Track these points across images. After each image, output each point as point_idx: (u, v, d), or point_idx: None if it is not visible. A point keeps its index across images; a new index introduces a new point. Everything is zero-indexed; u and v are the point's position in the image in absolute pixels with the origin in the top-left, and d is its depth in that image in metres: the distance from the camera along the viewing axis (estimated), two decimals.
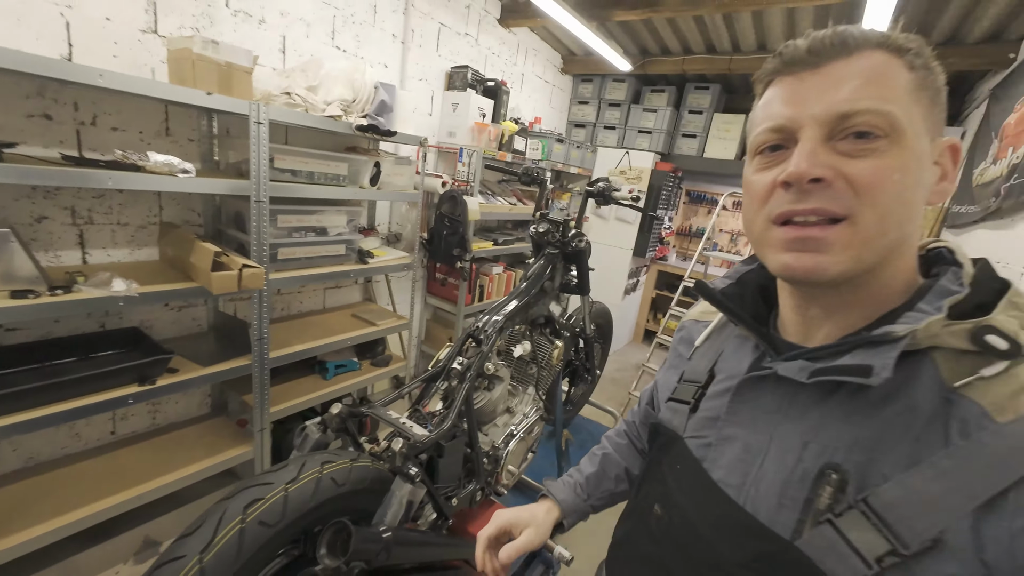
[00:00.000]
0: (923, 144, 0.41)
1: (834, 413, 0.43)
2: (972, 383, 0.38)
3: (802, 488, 0.43)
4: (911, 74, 0.41)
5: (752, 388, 0.50)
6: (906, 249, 0.44)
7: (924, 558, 0.36)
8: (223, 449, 1.86)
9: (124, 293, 1.38)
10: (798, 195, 0.41)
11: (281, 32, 1.96)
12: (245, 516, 0.70)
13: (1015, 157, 1.91)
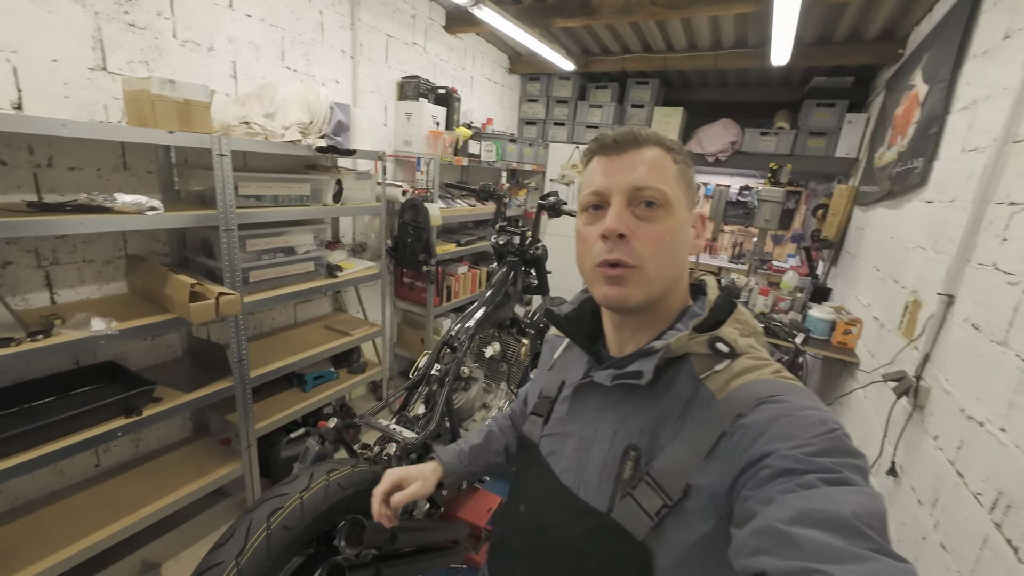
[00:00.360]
0: (684, 213, 0.59)
1: (632, 406, 0.58)
2: (710, 375, 0.54)
3: (613, 465, 0.57)
4: (676, 166, 0.59)
5: (582, 393, 0.65)
6: (680, 284, 0.61)
7: (683, 503, 0.51)
8: (212, 469, 1.92)
9: (104, 332, 1.43)
10: (611, 246, 0.56)
11: (231, 58, 1.99)
12: (270, 523, 0.83)
13: (902, 145, 2.22)
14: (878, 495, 0.41)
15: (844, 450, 0.44)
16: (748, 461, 0.46)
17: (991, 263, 1.23)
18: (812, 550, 0.35)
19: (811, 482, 0.41)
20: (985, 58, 1.57)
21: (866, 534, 0.37)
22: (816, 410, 0.47)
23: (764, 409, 0.48)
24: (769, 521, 0.39)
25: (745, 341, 0.56)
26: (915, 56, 2.37)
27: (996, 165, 1.29)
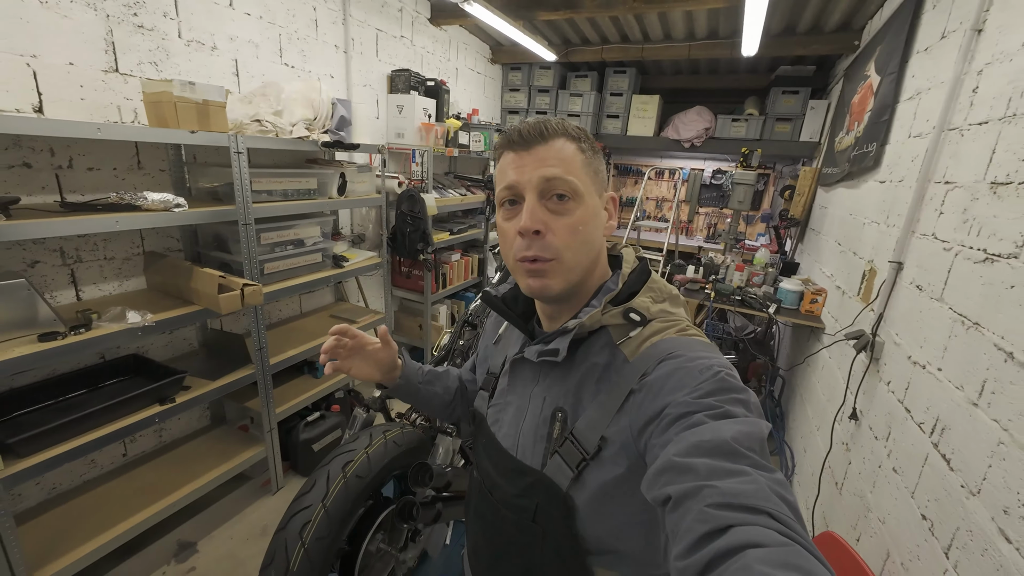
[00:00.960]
0: (594, 200, 0.62)
1: (557, 376, 0.64)
2: (624, 341, 0.59)
3: (544, 427, 0.63)
4: (582, 155, 0.61)
5: (517, 366, 0.70)
6: (597, 264, 0.65)
7: (598, 456, 0.56)
8: (236, 454, 2.02)
9: (141, 323, 1.52)
10: (528, 243, 0.59)
11: (232, 56, 2.04)
12: (345, 473, 0.97)
13: (858, 131, 2.45)
14: (755, 421, 0.47)
15: (727, 388, 0.50)
16: (651, 414, 0.52)
17: (931, 233, 1.46)
18: (704, 471, 0.41)
19: (699, 420, 0.47)
20: (927, 54, 1.79)
21: (744, 454, 0.43)
22: (705, 358, 0.53)
23: (663, 366, 0.54)
24: (668, 457, 0.45)
25: (657, 307, 0.61)
26: (869, 48, 2.60)
27: (935, 149, 1.51)
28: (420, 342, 3.37)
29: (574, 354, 0.62)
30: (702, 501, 0.39)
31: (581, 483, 0.57)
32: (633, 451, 0.54)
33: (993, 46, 1.32)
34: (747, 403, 0.49)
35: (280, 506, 2.10)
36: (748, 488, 0.39)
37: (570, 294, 0.63)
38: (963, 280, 1.23)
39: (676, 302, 0.64)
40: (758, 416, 0.49)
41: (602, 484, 0.56)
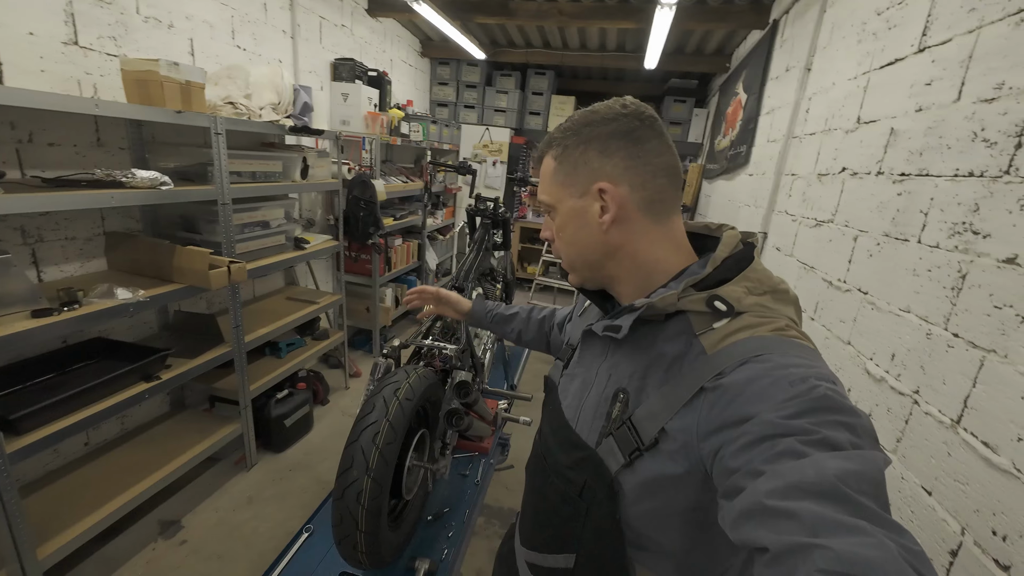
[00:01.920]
0: (568, 204, 0.62)
1: (623, 355, 0.61)
2: (706, 332, 0.53)
3: (604, 405, 0.60)
4: (554, 163, 0.63)
5: (587, 340, 0.69)
6: (615, 257, 0.61)
7: (654, 449, 0.53)
8: (210, 433, 2.04)
9: (132, 299, 1.54)
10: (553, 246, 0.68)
11: (188, 35, 2.02)
12: (397, 396, 1.21)
13: (732, 135, 3.15)
14: (867, 455, 0.39)
15: (827, 407, 0.42)
16: (723, 422, 0.46)
17: (784, 210, 2.07)
18: (809, 523, 0.34)
19: (791, 447, 0.39)
20: (777, 82, 2.45)
21: (858, 502, 0.35)
22: (801, 367, 0.45)
23: (745, 368, 0.47)
24: (757, 498, 0.38)
25: (752, 299, 0.54)
26: (738, 70, 3.32)
27: (784, 151, 2.13)
28: (368, 324, 3.48)
29: (646, 337, 0.58)
30: (812, 564, 0.32)
31: (632, 471, 0.55)
32: (695, 455, 0.49)
33: (816, 82, 1.94)
34: (853, 428, 0.41)
35: (259, 479, 2.17)
36: (873, 555, 0.31)
37: (598, 285, 0.66)
38: (804, 240, 1.82)
39: (782, 298, 0.56)
40: (871, 446, 0.41)
41: (655, 477, 0.53)
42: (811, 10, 2.08)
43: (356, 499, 1.09)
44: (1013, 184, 0.90)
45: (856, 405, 0.43)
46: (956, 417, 0.95)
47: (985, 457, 0.87)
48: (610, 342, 0.63)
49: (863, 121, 1.50)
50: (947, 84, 1.13)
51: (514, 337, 1.09)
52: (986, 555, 0.84)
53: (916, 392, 1.08)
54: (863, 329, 1.33)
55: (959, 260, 1.00)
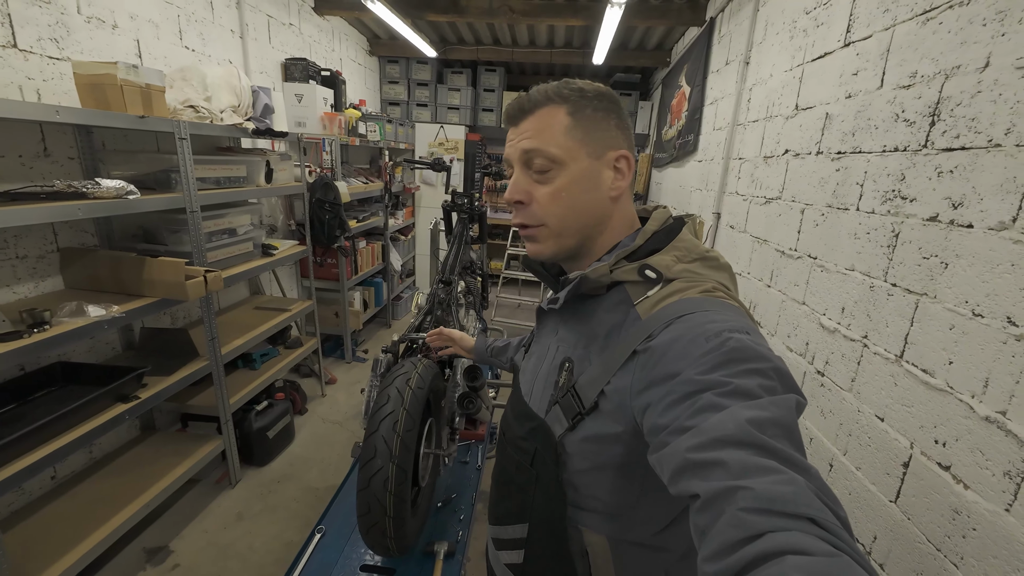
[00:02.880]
0: (582, 163, 0.59)
1: (569, 327, 0.65)
2: (642, 300, 0.56)
3: (553, 375, 0.63)
4: (568, 118, 0.59)
5: (541, 317, 0.72)
6: (606, 224, 0.63)
7: (595, 411, 0.56)
8: (189, 453, 1.96)
9: (107, 316, 1.46)
10: (515, 211, 0.63)
11: (134, 36, 1.90)
12: (409, 386, 1.24)
13: (679, 126, 3.38)
14: (778, 400, 0.42)
15: (738, 358, 0.44)
16: (650, 380, 0.49)
17: (734, 191, 2.28)
18: (735, 468, 0.37)
19: (709, 401, 0.42)
20: (718, 74, 2.67)
21: (772, 446, 0.38)
22: (717, 322, 0.48)
23: (670, 329, 0.50)
24: (685, 453, 0.40)
25: (682, 267, 0.57)
26: (679, 64, 3.56)
27: (731, 138, 2.34)
28: (338, 329, 3.41)
29: (588, 308, 0.62)
30: (735, 504, 0.35)
31: (573, 433, 0.58)
32: (629, 414, 0.53)
33: (755, 74, 2.15)
34: (765, 372, 0.44)
35: (245, 495, 2.10)
36: (786, 490, 0.35)
37: (571, 255, 0.64)
38: (755, 216, 2.02)
39: (712, 265, 0.59)
40: (785, 388, 0.44)
41: (594, 435, 0.56)
42: (745, 9, 2.29)
43: (383, 486, 1.12)
44: (930, 155, 1.09)
45: (770, 351, 0.46)
46: (899, 353, 1.14)
47: (925, 381, 1.06)
48: (559, 317, 0.67)
49: (801, 108, 1.70)
50: (871, 74, 1.32)
51: (510, 366, 1.11)
52: (931, 461, 1.02)
53: (865, 337, 1.27)
54: (815, 289, 1.52)
55: (892, 222, 1.19)
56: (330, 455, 2.40)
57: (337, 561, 1.34)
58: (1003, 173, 0.91)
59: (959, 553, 0.94)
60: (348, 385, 3.13)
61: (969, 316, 0.95)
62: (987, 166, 0.94)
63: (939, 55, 1.09)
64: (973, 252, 0.96)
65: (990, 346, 0.91)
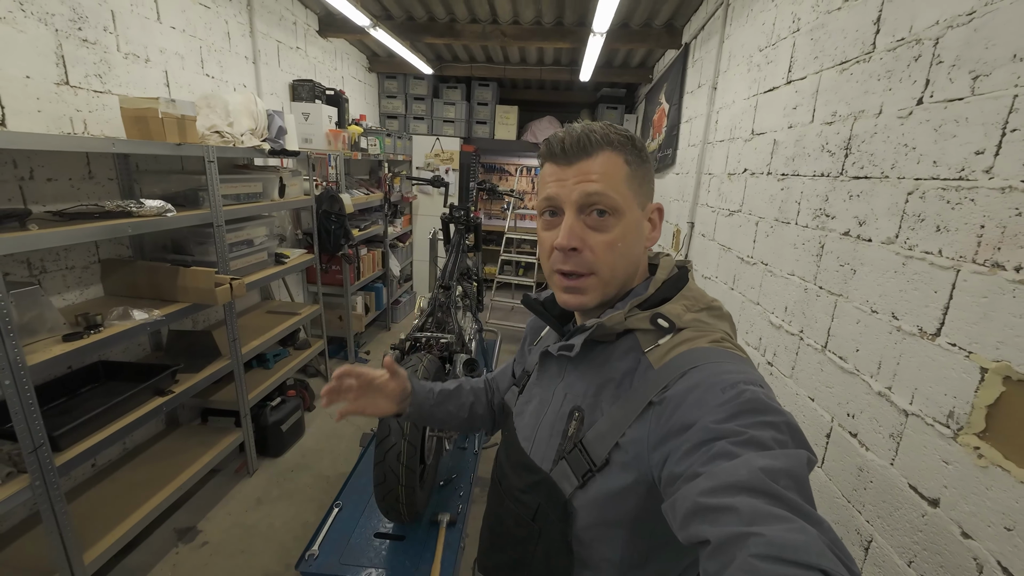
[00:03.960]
0: (636, 214, 0.60)
1: (579, 374, 0.64)
2: (653, 349, 0.57)
3: (560, 423, 0.62)
4: (627, 168, 0.59)
5: (544, 361, 0.71)
6: (635, 276, 0.64)
7: (606, 467, 0.55)
8: (214, 443, 2.16)
9: (150, 319, 1.67)
10: (564, 257, 0.60)
11: (163, 68, 2.12)
12: (417, 375, 1.46)
13: (660, 140, 3.63)
14: (789, 453, 0.42)
15: (752, 409, 0.45)
16: (668, 430, 0.49)
17: (705, 203, 2.52)
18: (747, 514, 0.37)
19: (723, 449, 0.42)
20: (692, 95, 2.92)
21: (783, 496, 0.38)
22: (731, 373, 0.49)
23: (685, 379, 0.51)
24: (697, 498, 0.40)
25: (691, 316, 0.58)
26: (659, 82, 3.81)
27: (702, 154, 2.59)
28: (341, 332, 3.62)
29: (598, 356, 0.62)
30: (746, 550, 0.35)
31: (584, 491, 0.57)
32: (645, 465, 0.52)
33: (721, 99, 2.40)
34: (777, 426, 0.45)
35: (263, 483, 2.30)
36: (799, 539, 0.34)
37: (603, 301, 0.63)
38: (721, 226, 2.27)
39: (717, 315, 0.61)
40: (795, 443, 0.44)
41: (606, 492, 0.55)
42: (712, 39, 2.55)
43: (397, 459, 1.34)
44: (845, 181, 1.33)
45: (780, 405, 0.48)
46: (824, 344, 1.38)
47: (841, 366, 1.29)
48: (566, 363, 0.66)
49: (756, 132, 1.94)
50: (805, 109, 1.57)
51: (466, 414, 0.90)
52: (844, 430, 1.26)
53: (801, 332, 1.51)
54: (766, 291, 1.76)
55: (819, 235, 1.43)
56: (338, 446, 2.61)
57: (354, 530, 1.55)
58: (890, 198, 1.15)
59: (862, 502, 1.18)
60: None
61: (869, 312, 1.19)
62: (880, 192, 1.19)
63: (851, 99, 1.33)
64: (872, 261, 1.20)
65: (882, 336, 1.14)
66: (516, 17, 3.31)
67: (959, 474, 0.91)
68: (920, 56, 1.08)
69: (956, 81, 0.98)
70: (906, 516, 1.03)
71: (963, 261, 0.94)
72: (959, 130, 0.97)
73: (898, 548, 1.05)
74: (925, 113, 1.06)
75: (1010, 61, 0.87)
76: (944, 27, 1.02)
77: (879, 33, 1.23)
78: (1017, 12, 0.87)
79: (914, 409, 1.03)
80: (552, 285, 0.65)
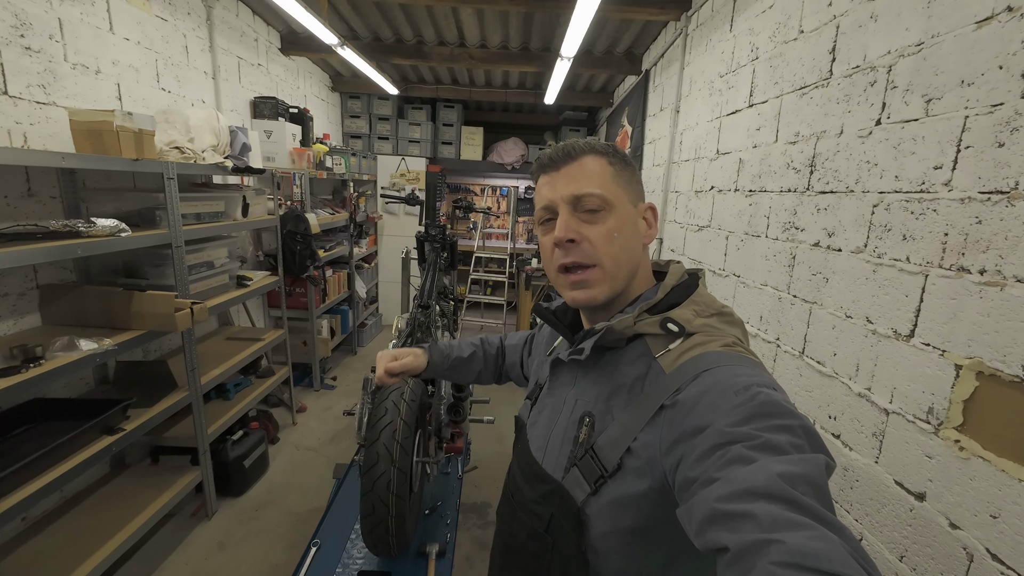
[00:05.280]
0: (628, 209, 0.62)
1: (590, 380, 0.64)
2: (664, 353, 0.57)
3: (572, 430, 0.62)
4: (612, 168, 0.62)
5: (556, 368, 0.71)
6: (639, 274, 0.64)
7: (619, 472, 0.55)
8: (166, 486, 1.96)
9: (99, 350, 1.52)
10: (564, 251, 0.61)
11: (115, 80, 1.99)
12: (404, 398, 1.40)
13: None
14: (807, 458, 0.41)
15: (767, 412, 0.45)
16: (681, 434, 0.49)
17: (673, 220, 2.62)
18: (766, 521, 0.36)
19: (739, 453, 0.42)
20: (655, 118, 3.07)
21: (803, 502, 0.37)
22: (744, 376, 0.49)
23: (697, 383, 0.51)
24: (714, 503, 0.40)
25: (702, 321, 0.58)
26: (621, 106, 3.99)
27: (667, 174, 2.71)
28: (306, 357, 3.44)
29: (609, 362, 0.62)
30: (766, 557, 0.34)
31: (597, 498, 0.56)
32: (659, 470, 0.52)
33: (684, 121, 2.53)
34: (793, 429, 0.44)
35: (225, 524, 2.11)
36: (820, 546, 0.34)
37: (613, 300, 0.63)
38: (691, 241, 2.36)
39: (727, 319, 0.61)
40: (811, 446, 0.44)
41: (620, 498, 0.55)
42: (673, 66, 2.70)
43: (386, 488, 1.26)
44: (812, 196, 1.42)
45: (796, 408, 0.47)
46: (801, 350, 1.44)
47: (819, 371, 1.36)
48: (577, 369, 0.66)
49: (721, 152, 2.06)
50: (768, 130, 1.68)
51: (471, 379, 1.04)
52: (827, 432, 1.31)
53: (778, 339, 1.57)
54: (740, 302, 1.83)
55: (790, 247, 1.52)
56: (308, 480, 2.44)
57: (335, 569, 1.44)
58: (856, 211, 1.24)
59: (849, 501, 1.22)
60: (319, 412, 3.16)
61: (843, 318, 1.26)
62: (846, 206, 1.27)
63: (812, 121, 1.44)
64: (843, 270, 1.28)
65: (857, 339, 1.21)
66: (484, 41, 3.38)
67: (942, 467, 0.97)
68: (876, 82, 1.19)
69: (911, 104, 1.08)
70: (894, 512, 1.08)
71: (930, 266, 1.01)
72: (917, 147, 1.06)
73: (889, 544, 1.09)
74: (884, 133, 1.15)
75: (958, 86, 0.97)
76: (896, 56, 1.13)
77: (835, 61, 1.35)
78: (959, 44, 0.97)
79: (894, 408, 1.09)
80: (559, 287, 0.65)
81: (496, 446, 2.82)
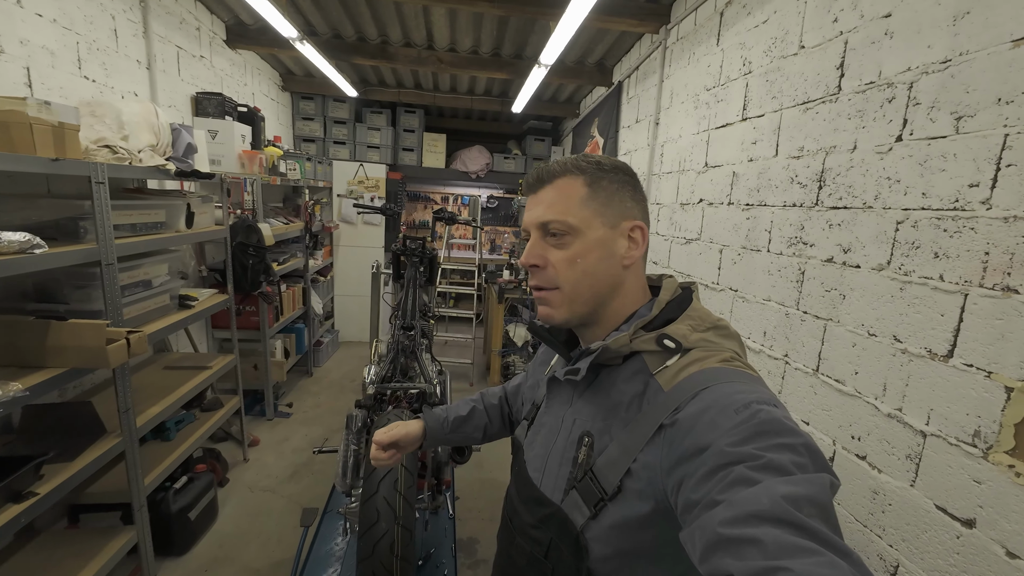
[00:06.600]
0: (599, 233, 0.61)
1: (587, 399, 0.63)
2: (661, 370, 0.56)
3: (571, 450, 0.61)
4: (586, 189, 0.61)
5: (552, 388, 0.70)
6: (619, 292, 0.63)
7: (619, 494, 0.54)
8: (91, 554, 1.63)
9: (10, 395, 1.20)
10: (531, 273, 0.64)
11: (24, 64, 1.64)
12: None
13: None
14: (811, 478, 0.41)
15: (768, 431, 0.44)
16: (682, 454, 0.48)
17: (655, 232, 2.60)
18: (772, 548, 0.35)
19: (741, 475, 0.41)
20: (630, 130, 3.06)
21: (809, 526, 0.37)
22: (743, 393, 0.49)
23: (696, 401, 0.50)
24: (718, 528, 0.39)
25: (698, 336, 0.58)
26: (590, 117, 3.98)
27: (648, 185, 2.69)
28: (258, 383, 3.09)
29: (606, 380, 0.62)
30: None
31: (597, 521, 0.55)
32: (661, 491, 0.51)
33: (665, 133, 2.53)
34: (795, 448, 0.43)
35: None
36: (828, 574, 0.33)
37: (583, 322, 0.64)
38: (677, 254, 2.34)
39: (723, 333, 0.60)
40: (814, 465, 0.43)
41: (622, 521, 0.54)
42: (651, 79, 2.70)
43: (389, 550, 1.08)
44: (821, 211, 1.41)
45: (797, 425, 0.46)
46: (815, 367, 1.42)
47: (838, 389, 1.33)
48: (573, 388, 0.65)
49: (710, 165, 2.04)
50: (767, 144, 1.67)
51: (480, 436, 0.95)
52: (850, 453, 1.28)
53: (786, 356, 1.54)
54: (738, 316, 1.81)
55: (798, 262, 1.50)
56: (267, 527, 2.14)
57: None
58: (876, 227, 1.22)
59: (881, 526, 1.18)
60: (275, 445, 2.82)
61: (866, 336, 1.24)
62: (864, 222, 1.26)
63: (819, 136, 1.43)
64: (863, 287, 1.26)
65: (884, 358, 1.19)
66: (453, 44, 3.24)
67: (994, 493, 0.94)
68: (894, 98, 1.18)
69: (937, 121, 1.07)
70: (937, 538, 1.04)
71: (970, 285, 0.99)
72: (947, 165, 1.05)
73: (932, 571, 1.05)
74: (907, 149, 1.14)
75: (995, 104, 0.96)
76: (918, 73, 1.12)
77: (844, 77, 1.34)
78: (993, 62, 0.96)
79: (932, 430, 1.06)
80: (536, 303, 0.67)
81: (476, 472, 2.64)
